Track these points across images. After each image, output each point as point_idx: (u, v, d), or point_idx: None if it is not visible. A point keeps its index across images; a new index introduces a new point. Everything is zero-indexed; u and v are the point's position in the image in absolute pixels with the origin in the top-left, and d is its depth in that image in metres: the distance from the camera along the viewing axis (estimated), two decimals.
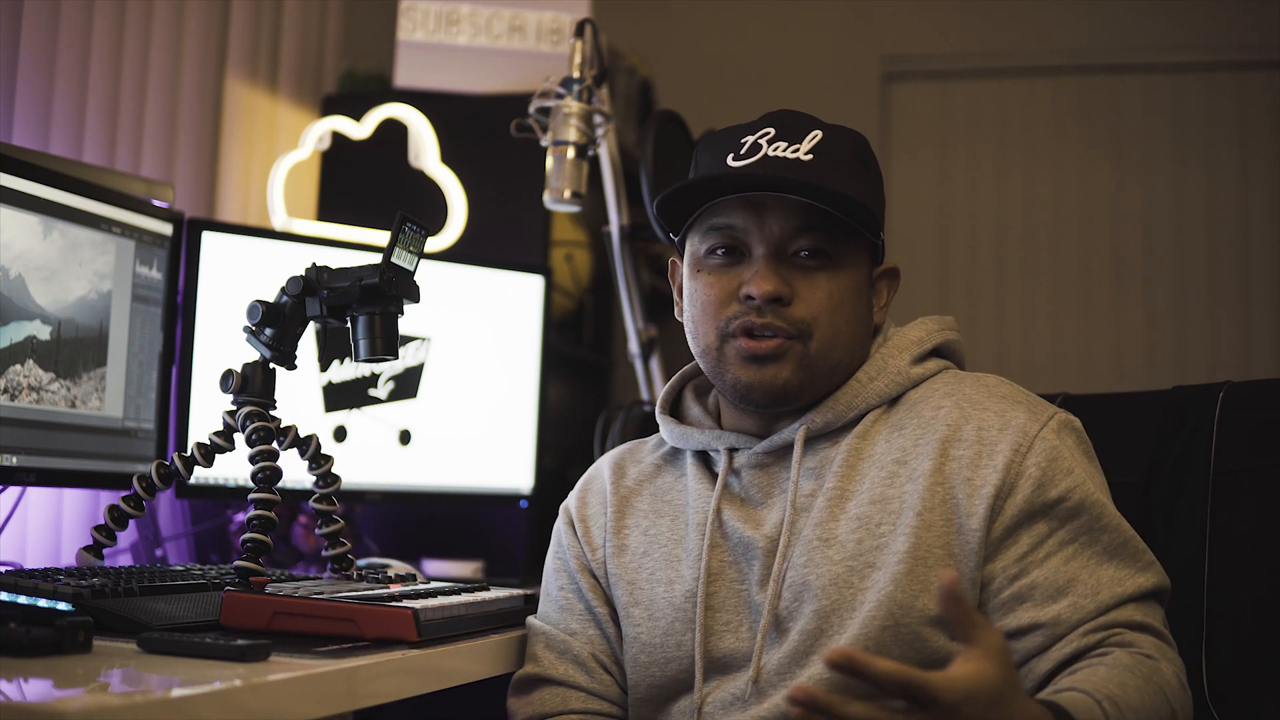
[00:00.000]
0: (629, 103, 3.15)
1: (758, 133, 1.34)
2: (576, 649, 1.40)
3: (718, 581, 1.33)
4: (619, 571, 1.40)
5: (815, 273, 1.31)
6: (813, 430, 1.34)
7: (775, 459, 1.35)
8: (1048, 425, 1.28)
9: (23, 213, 1.63)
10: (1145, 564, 1.26)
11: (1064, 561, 1.23)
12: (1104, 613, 1.21)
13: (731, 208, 1.33)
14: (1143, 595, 1.24)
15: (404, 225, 1.50)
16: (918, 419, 1.31)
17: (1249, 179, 3.55)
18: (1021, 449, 1.25)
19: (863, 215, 1.30)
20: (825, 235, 1.31)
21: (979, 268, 3.67)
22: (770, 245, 1.31)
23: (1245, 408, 1.46)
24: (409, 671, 1.25)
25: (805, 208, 1.30)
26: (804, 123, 1.35)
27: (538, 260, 2.60)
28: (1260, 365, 3.47)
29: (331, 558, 1.57)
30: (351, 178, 2.68)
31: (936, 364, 1.38)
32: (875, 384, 1.35)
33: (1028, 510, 1.24)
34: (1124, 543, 1.25)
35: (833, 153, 1.32)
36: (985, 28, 3.72)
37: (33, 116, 2.01)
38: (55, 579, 1.31)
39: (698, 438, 1.39)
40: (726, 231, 1.33)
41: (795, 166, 1.30)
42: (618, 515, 1.43)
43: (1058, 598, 1.22)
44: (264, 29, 2.63)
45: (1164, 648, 1.21)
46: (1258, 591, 1.39)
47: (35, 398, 1.65)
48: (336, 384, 2.08)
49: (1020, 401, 1.31)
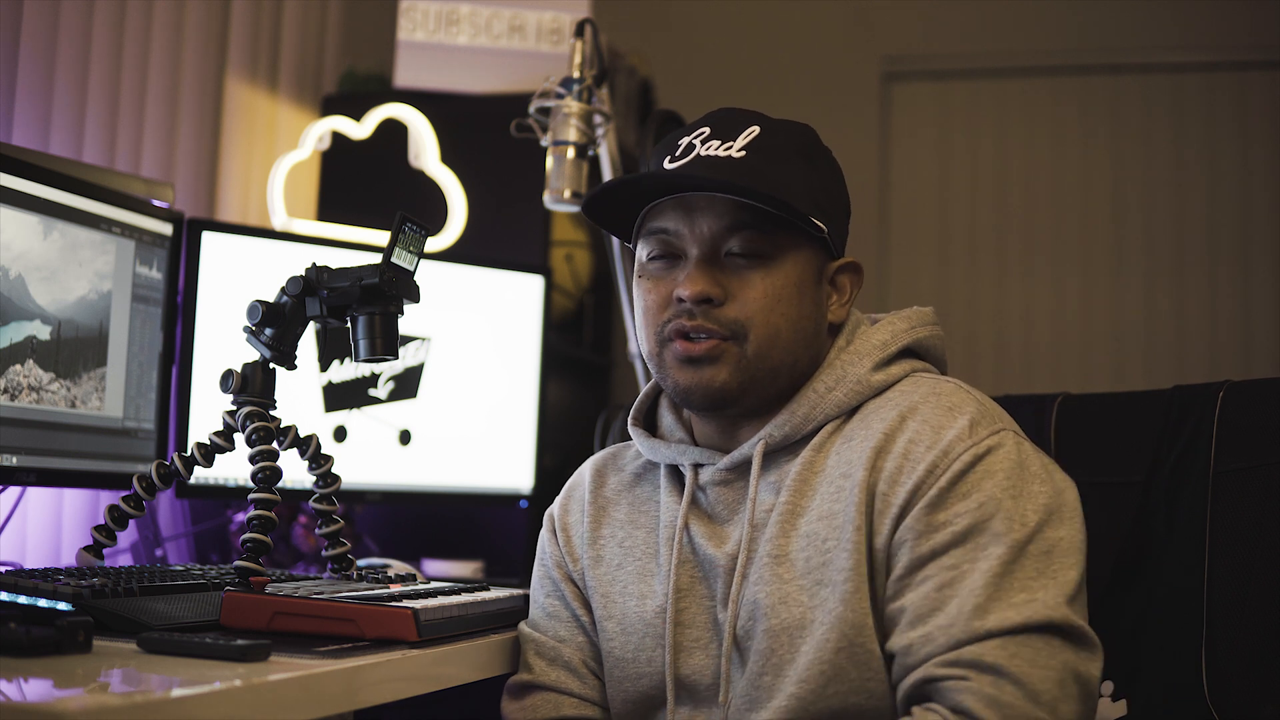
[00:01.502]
0: (629, 103, 3.15)
1: (694, 133, 1.32)
2: (567, 655, 1.39)
3: (687, 598, 1.31)
4: (595, 584, 1.39)
5: (748, 272, 1.28)
6: (771, 444, 1.31)
7: (738, 475, 1.33)
8: (978, 443, 1.21)
9: (23, 213, 1.63)
10: (1025, 600, 1.14)
11: (937, 587, 1.16)
12: (955, 647, 1.13)
13: (665, 211, 1.31)
14: (1010, 630, 1.12)
15: (404, 225, 1.50)
16: (866, 429, 1.27)
17: (1249, 179, 3.55)
18: (938, 470, 1.20)
19: (794, 210, 1.26)
20: (757, 233, 1.28)
21: (979, 267, 3.67)
22: (702, 246, 1.29)
23: (1245, 407, 1.45)
24: (409, 671, 1.25)
25: (736, 206, 1.27)
26: (742, 119, 1.32)
27: (538, 260, 2.60)
28: (1260, 365, 3.47)
29: (331, 558, 1.57)
30: (351, 178, 2.68)
31: (903, 367, 1.33)
32: (834, 394, 1.30)
33: (915, 529, 1.19)
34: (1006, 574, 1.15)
35: (769, 148, 1.29)
36: (985, 28, 3.72)
37: (33, 116, 2.01)
38: (55, 579, 1.31)
39: (664, 452, 1.37)
40: (661, 236, 1.31)
41: (726, 165, 1.28)
42: (594, 525, 1.41)
43: (917, 625, 1.16)
44: (264, 29, 2.63)
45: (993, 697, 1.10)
46: (1258, 591, 1.38)
47: (35, 398, 1.65)
48: (336, 384, 2.08)
49: (965, 414, 1.23)
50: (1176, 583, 1.43)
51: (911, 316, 1.37)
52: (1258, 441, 1.43)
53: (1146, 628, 1.47)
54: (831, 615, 1.20)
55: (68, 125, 2.08)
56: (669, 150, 1.33)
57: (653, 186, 1.30)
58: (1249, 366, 3.48)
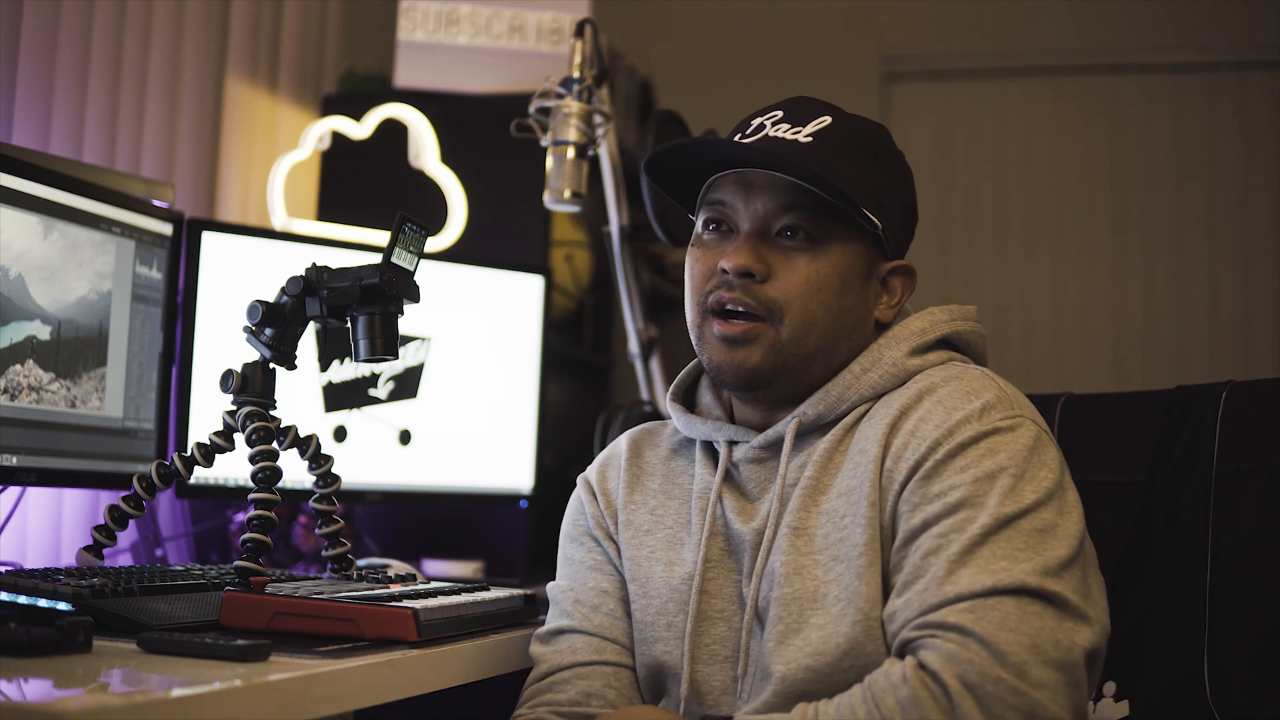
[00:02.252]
0: (629, 103, 3.15)
1: (767, 114, 1.35)
2: (611, 605, 1.39)
3: (715, 569, 1.33)
4: (624, 546, 1.41)
5: (795, 254, 1.30)
6: (805, 423, 1.32)
7: (770, 453, 1.35)
8: (986, 425, 1.21)
9: (23, 213, 1.63)
10: (1003, 567, 1.13)
11: (922, 556, 1.17)
12: (926, 612, 1.14)
13: (725, 184, 1.33)
14: (979, 593, 1.12)
15: (404, 225, 1.50)
16: (886, 408, 1.29)
17: (1249, 179, 3.55)
18: (940, 445, 1.21)
19: (848, 199, 1.27)
20: (809, 215, 1.29)
21: (979, 267, 3.67)
22: (754, 222, 1.31)
23: (1247, 407, 1.45)
24: (409, 671, 1.25)
25: (792, 187, 1.29)
26: (816, 108, 1.35)
27: (538, 260, 2.60)
28: (1261, 365, 3.47)
29: (331, 558, 1.57)
30: (351, 178, 2.68)
31: (939, 356, 1.34)
32: (869, 375, 1.32)
33: (910, 500, 1.21)
34: (985, 543, 1.15)
35: (836, 139, 1.31)
36: (985, 28, 3.72)
37: (33, 116, 2.01)
38: (55, 579, 1.31)
39: (701, 428, 1.39)
40: (717, 207, 1.34)
41: (790, 147, 1.30)
42: (629, 491, 1.43)
43: (902, 592, 1.18)
44: (264, 29, 2.63)
45: (953, 653, 1.10)
46: (1260, 591, 1.38)
47: (35, 398, 1.65)
48: (336, 384, 2.08)
49: (981, 398, 1.24)
50: (1178, 583, 1.43)
51: (953, 309, 1.38)
52: (1260, 442, 1.43)
53: (1148, 628, 1.47)
54: (848, 590, 1.22)
55: (68, 125, 2.08)
56: (741, 128, 1.35)
57: (715, 156, 1.32)
58: (1249, 366, 3.48)
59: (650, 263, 3.22)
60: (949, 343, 1.36)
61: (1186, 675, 1.39)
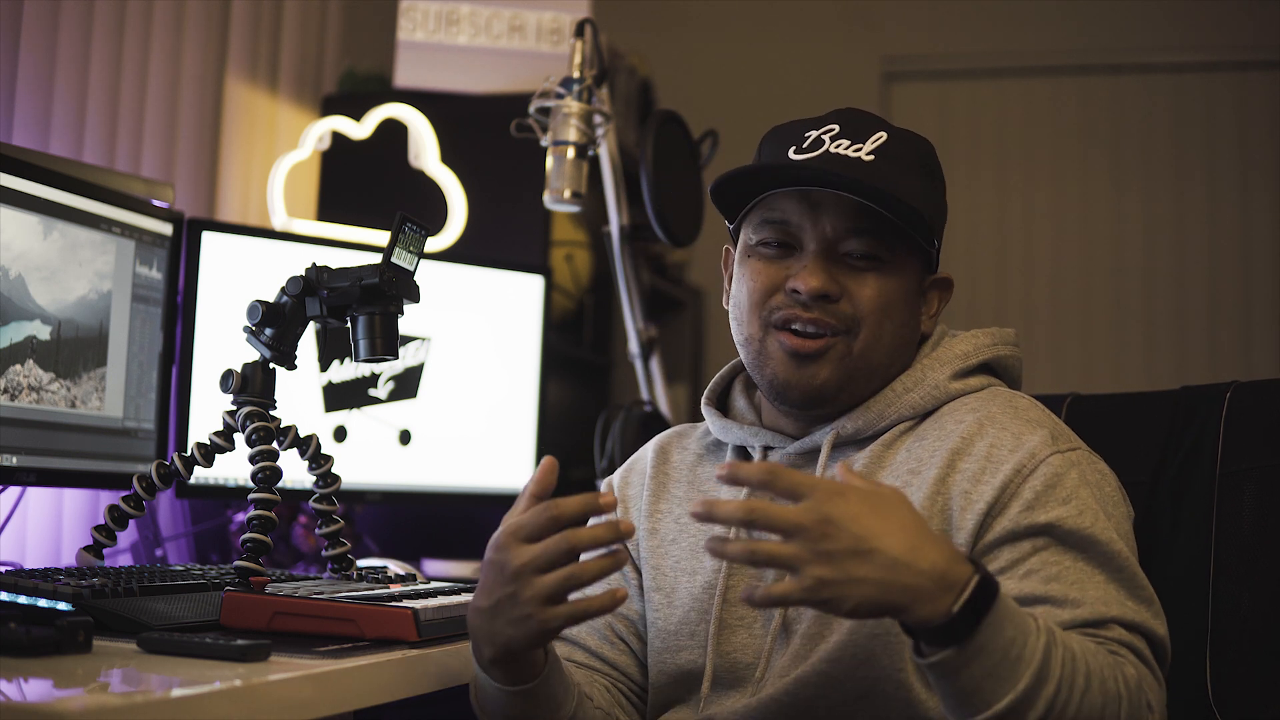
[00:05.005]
0: (629, 103, 3.15)
1: (822, 128, 1.33)
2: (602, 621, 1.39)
3: (738, 576, 1.33)
4: (647, 555, 1.40)
5: (864, 273, 1.30)
6: (842, 435, 1.32)
7: (805, 461, 1.34)
8: (1063, 454, 1.23)
9: (23, 213, 1.63)
10: (1145, 598, 1.18)
11: (1044, 581, 1.17)
12: (1082, 625, 1.14)
13: (787, 200, 1.31)
14: (1133, 625, 1.15)
15: (404, 225, 1.50)
16: (939, 430, 1.29)
17: (1249, 179, 3.56)
18: (1024, 470, 1.22)
19: (917, 221, 1.28)
20: (878, 239, 1.29)
21: (978, 267, 3.67)
22: (822, 243, 1.30)
23: (1252, 408, 1.45)
24: (409, 671, 1.25)
25: (860, 208, 1.28)
26: (869, 123, 1.34)
27: (538, 260, 2.60)
28: (1261, 365, 3.47)
29: (331, 558, 1.57)
30: (351, 178, 2.68)
31: (980, 380, 1.35)
32: (910, 395, 1.32)
33: (1012, 530, 1.20)
34: (1121, 572, 1.18)
35: (895, 156, 1.31)
36: (985, 28, 3.72)
37: (33, 116, 2.01)
38: (55, 579, 1.31)
39: (737, 433, 1.39)
40: (780, 225, 1.32)
41: (856, 166, 1.29)
42: (653, 499, 1.42)
43: (1033, 606, 1.15)
44: (264, 29, 2.63)
45: (1145, 672, 1.13)
46: (1263, 592, 1.38)
47: (35, 398, 1.65)
48: (336, 384, 2.08)
49: (1045, 426, 1.26)
50: (1181, 584, 1.43)
51: (995, 334, 1.38)
52: (1264, 442, 1.43)
53: None
54: None
55: (68, 125, 2.08)
56: (793, 140, 1.33)
57: (786, 176, 1.31)
58: (1249, 366, 3.48)
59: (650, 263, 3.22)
60: (989, 367, 1.37)
61: (1189, 675, 1.39)
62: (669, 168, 2.07)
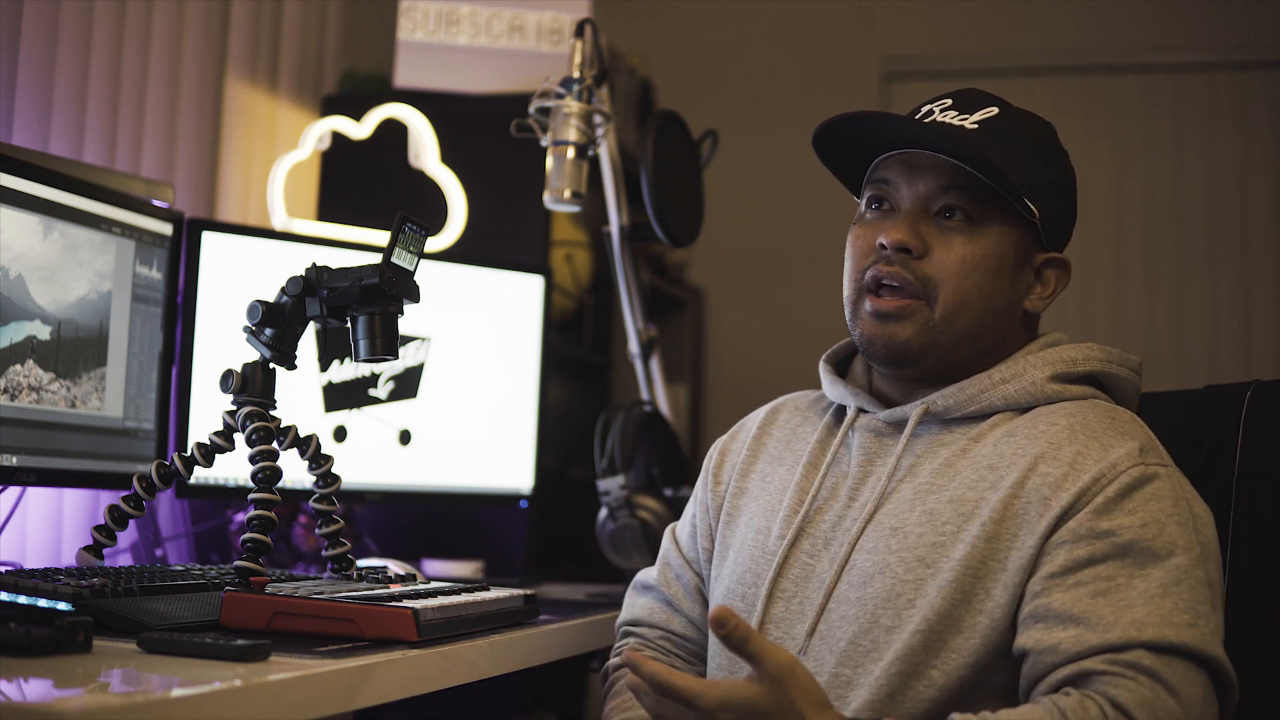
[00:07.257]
0: (629, 103, 3.15)
1: (937, 102, 1.39)
2: (687, 578, 1.48)
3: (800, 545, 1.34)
4: (731, 511, 1.44)
5: (953, 234, 1.31)
6: (933, 410, 1.33)
7: (892, 429, 1.35)
8: (1146, 467, 1.22)
9: (23, 213, 1.63)
10: (1202, 615, 1.15)
11: (1091, 595, 1.16)
12: (1111, 650, 1.13)
13: (891, 165, 1.35)
14: (1170, 647, 1.13)
15: (404, 225, 1.50)
16: (1031, 430, 1.28)
17: (1249, 179, 3.55)
18: (1103, 479, 1.21)
19: (1007, 185, 1.29)
20: (968, 196, 1.31)
21: None
22: (915, 201, 1.33)
23: (1272, 408, 1.44)
24: (409, 671, 1.25)
25: (954, 169, 1.31)
26: (985, 99, 1.38)
27: (538, 260, 2.60)
28: (1261, 365, 3.47)
29: (331, 558, 1.57)
30: (351, 178, 2.68)
31: (1083, 390, 1.33)
32: (1006, 387, 1.31)
33: (1076, 532, 1.19)
34: (1179, 586, 1.16)
35: (1001, 129, 1.34)
36: (985, 28, 3.72)
37: (33, 116, 2.01)
38: (55, 579, 1.31)
39: (839, 392, 1.41)
40: (880, 185, 1.36)
41: (955, 132, 1.32)
42: (749, 459, 1.46)
43: (1067, 625, 1.16)
44: (264, 29, 2.63)
45: (1147, 696, 1.11)
46: (1274, 593, 1.37)
47: (35, 398, 1.65)
48: (336, 384, 2.08)
49: (1137, 440, 1.25)
50: None
51: (1113, 352, 1.38)
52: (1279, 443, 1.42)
53: None
54: (924, 599, 1.22)
55: (68, 125, 2.08)
56: (912, 114, 1.39)
57: (880, 134, 1.35)
58: (1249, 367, 3.48)
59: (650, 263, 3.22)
60: (1098, 381, 1.36)
61: None
62: (669, 168, 2.07)
